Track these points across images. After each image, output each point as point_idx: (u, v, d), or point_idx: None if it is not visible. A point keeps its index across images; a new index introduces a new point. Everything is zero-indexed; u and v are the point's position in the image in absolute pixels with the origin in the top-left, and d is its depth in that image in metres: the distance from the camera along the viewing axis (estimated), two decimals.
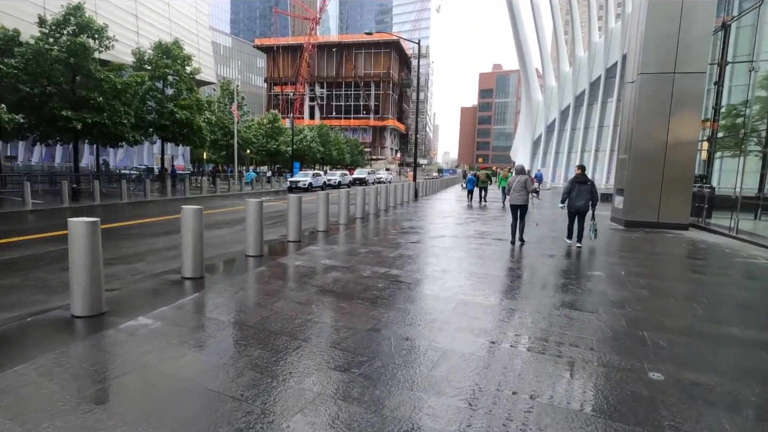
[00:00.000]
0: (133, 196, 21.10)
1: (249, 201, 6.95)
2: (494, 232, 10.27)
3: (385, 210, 14.97)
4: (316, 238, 8.86)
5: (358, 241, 8.52)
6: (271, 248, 7.61)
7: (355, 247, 7.77)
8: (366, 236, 9.26)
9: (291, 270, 6.04)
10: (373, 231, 10.12)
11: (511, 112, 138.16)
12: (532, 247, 8.27)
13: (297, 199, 8.45)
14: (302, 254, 7.09)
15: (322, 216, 9.52)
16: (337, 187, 36.26)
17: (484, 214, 14.61)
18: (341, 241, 8.54)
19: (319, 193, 9.60)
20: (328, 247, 7.79)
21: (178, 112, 24.58)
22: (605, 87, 50.96)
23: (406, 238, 8.96)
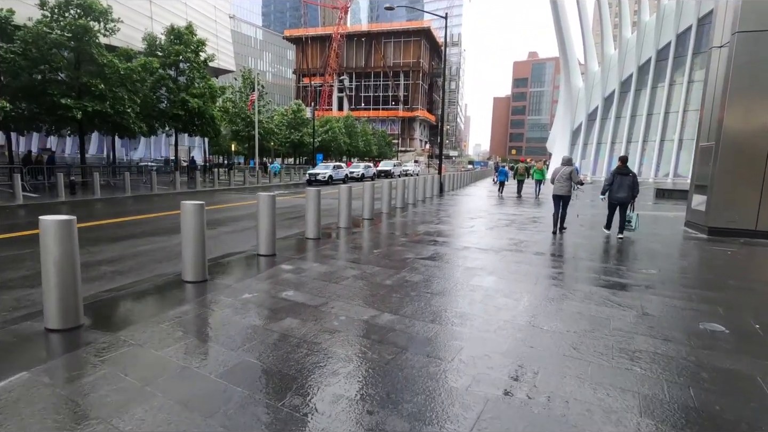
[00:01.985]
0: (140, 190, 19.90)
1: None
2: (534, 241, 7.92)
3: (402, 208, 12.82)
4: (302, 247, 6.85)
5: (351, 256, 6.43)
6: (224, 267, 5.65)
7: (341, 267, 5.69)
8: (364, 248, 7.15)
9: (221, 317, 4.04)
10: (377, 239, 8.00)
11: (547, 102, 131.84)
12: (592, 282, 5.93)
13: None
14: (259, 279, 5.07)
15: (312, 220, 7.49)
16: (360, 180, 34.33)
17: (518, 211, 12.21)
18: (329, 254, 6.48)
19: (309, 190, 7.56)
20: (305, 266, 5.74)
21: (191, 101, 23.22)
22: (656, 70, 46.30)
23: (417, 251, 6.79)
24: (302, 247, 6.87)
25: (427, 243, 7.47)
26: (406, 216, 11.31)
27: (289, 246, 6.96)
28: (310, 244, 7.13)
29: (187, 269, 4.74)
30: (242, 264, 5.74)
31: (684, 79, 43.98)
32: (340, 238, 7.76)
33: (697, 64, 43.51)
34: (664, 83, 45.58)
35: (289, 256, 6.22)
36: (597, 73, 52.36)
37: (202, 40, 25.13)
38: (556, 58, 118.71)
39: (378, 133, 75.30)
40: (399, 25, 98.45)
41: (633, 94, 48.19)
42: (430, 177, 17.52)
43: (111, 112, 18.58)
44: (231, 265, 5.64)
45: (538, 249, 7.17)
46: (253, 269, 5.46)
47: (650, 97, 46.84)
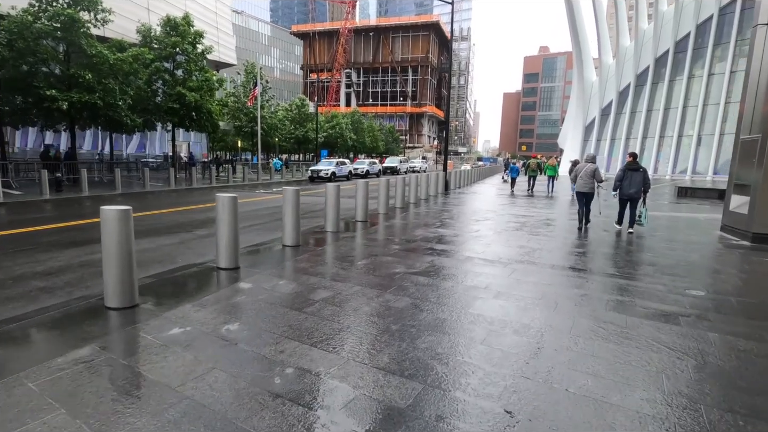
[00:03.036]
0: (132, 187, 19.07)
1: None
2: (549, 250, 6.80)
3: (402, 208, 11.73)
4: (274, 257, 5.82)
5: (329, 270, 5.40)
6: (167, 286, 4.64)
7: (312, 287, 4.65)
8: (348, 258, 6.10)
9: (117, 372, 3.01)
10: (366, 247, 6.94)
11: (558, 98, 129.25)
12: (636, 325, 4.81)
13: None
14: (202, 305, 4.05)
15: (289, 224, 6.46)
16: (365, 177, 33.28)
17: (529, 212, 11.06)
18: (303, 268, 5.45)
19: (286, 189, 6.52)
20: (268, 285, 4.71)
21: (187, 95, 22.29)
22: (674, 63, 44.40)
23: (409, 263, 5.72)
24: (274, 258, 5.84)
25: (424, 252, 6.39)
26: (406, 217, 10.23)
27: (259, 256, 5.93)
28: (285, 254, 6.10)
29: (109, 293, 3.73)
30: (193, 281, 4.72)
31: (704, 71, 42.06)
32: (322, 246, 6.71)
33: (717, 56, 41.58)
34: (683, 76, 43.68)
35: (255, 269, 5.19)
36: (611, 66, 50.52)
37: (200, 31, 24.16)
38: (568, 53, 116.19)
39: (385, 129, 74.11)
40: (407, 19, 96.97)
41: (649, 88, 46.32)
42: (434, 174, 16.38)
43: (100, 104, 17.72)
44: (177, 283, 4.63)
45: (554, 260, 6.05)
46: (203, 289, 4.43)
47: (667, 90, 44.97)
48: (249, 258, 5.78)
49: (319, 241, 7.11)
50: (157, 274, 4.91)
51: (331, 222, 7.81)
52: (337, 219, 7.87)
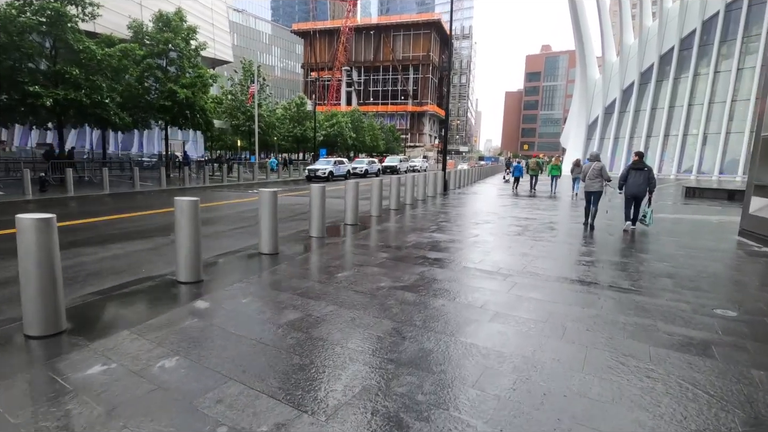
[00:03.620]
0: (121, 187, 18.46)
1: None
2: (554, 258, 6.15)
3: (396, 210, 11.10)
4: (245, 268, 5.19)
5: (303, 285, 4.77)
6: (112, 306, 4.02)
7: (279, 306, 4.02)
8: (328, 269, 5.48)
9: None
10: (351, 255, 6.32)
11: (560, 97, 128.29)
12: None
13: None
14: (143, 331, 3.43)
15: (266, 229, 5.83)
16: (364, 176, 32.65)
17: (532, 214, 10.39)
18: (274, 282, 4.83)
19: (262, 191, 5.89)
20: (228, 305, 4.09)
21: (179, 92, 21.68)
22: (679, 60, 43.60)
23: (397, 274, 5.09)
24: (245, 268, 5.21)
25: (415, 261, 5.75)
26: (400, 220, 9.59)
27: (229, 266, 5.30)
28: (260, 263, 5.47)
29: (29, 318, 3.11)
30: (142, 299, 4.09)
31: (710, 69, 41.27)
32: (302, 254, 6.08)
33: (724, 53, 40.79)
34: (688, 74, 42.90)
35: (219, 284, 4.56)
36: (615, 63, 49.74)
37: (193, 27, 23.55)
38: (570, 52, 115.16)
39: (386, 128, 73.44)
40: (408, 17, 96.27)
41: (653, 86, 45.54)
42: (432, 174, 15.73)
43: (87, 101, 17.12)
44: (123, 302, 4.00)
45: (559, 270, 5.41)
46: (151, 309, 3.80)
47: (672, 88, 44.19)
48: (217, 269, 5.15)
49: (301, 248, 6.48)
50: (104, 290, 4.28)
51: (316, 226, 7.18)
52: (323, 223, 7.24)
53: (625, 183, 8.54)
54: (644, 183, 8.30)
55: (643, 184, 8.31)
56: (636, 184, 8.35)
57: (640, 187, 8.34)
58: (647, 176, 8.31)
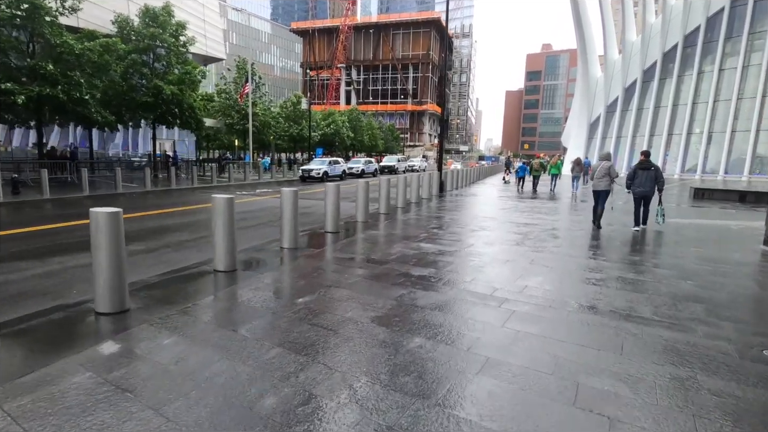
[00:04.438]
0: (102, 188, 17.60)
1: None
2: (560, 274, 5.29)
3: (386, 214, 10.23)
4: (191, 291, 4.34)
5: (252, 315, 3.92)
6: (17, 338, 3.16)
7: (213, 346, 3.17)
8: (290, 291, 4.63)
9: None
10: (322, 272, 5.46)
11: (561, 96, 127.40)
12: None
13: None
14: (15, 390, 2.55)
15: (221, 242, 4.97)
16: (360, 176, 31.82)
17: (532, 219, 9.51)
18: (222, 309, 3.99)
19: (216, 198, 5.02)
20: (147, 345, 3.22)
21: (165, 88, 20.82)
22: (683, 58, 42.66)
23: (371, 299, 4.23)
24: (186, 293, 4.34)
25: (395, 280, 4.89)
26: (387, 226, 8.73)
27: (171, 289, 4.44)
28: (211, 284, 4.61)
29: None
30: (35, 340, 3.22)
31: (714, 67, 40.34)
32: (265, 271, 5.21)
33: (729, 51, 39.86)
34: (692, 72, 41.95)
35: (147, 314, 3.70)
36: (617, 61, 48.80)
37: (182, 22, 22.68)
38: (571, 50, 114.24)
39: (384, 127, 72.52)
40: (408, 15, 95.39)
41: (657, 84, 44.60)
42: (427, 174, 14.85)
43: (63, 98, 16.26)
44: (11, 344, 3.13)
45: (565, 292, 4.54)
46: (38, 356, 2.94)
47: (676, 86, 43.26)
48: (154, 293, 4.29)
49: (266, 262, 5.62)
50: (7, 322, 3.42)
51: (288, 236, 6.32)
52: (295, 232, 6.38)
53: (632, 183, 8.48)
54: (652, 182, 8.25)
55: (651, 183, 8.25)
56: (644, 184, 8.31)
57: (648, 187, 8.29)
58: (654, 175, 8.25)
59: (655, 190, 8.33)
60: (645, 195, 8.38)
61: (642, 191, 8.37)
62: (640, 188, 8.37)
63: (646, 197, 8.41)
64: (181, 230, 8.75)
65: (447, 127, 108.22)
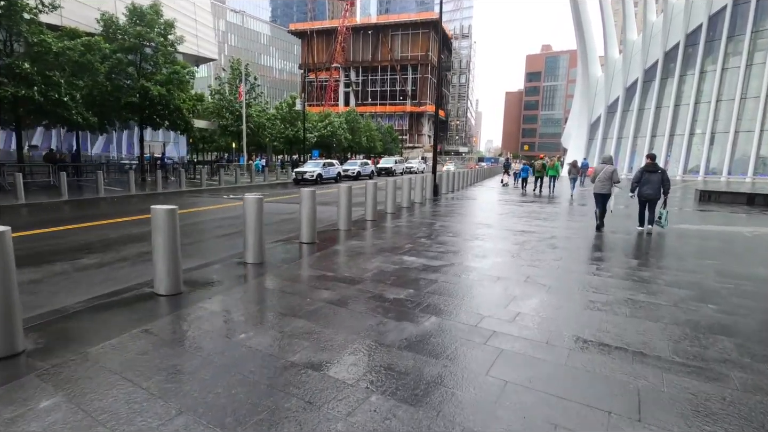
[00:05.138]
0: (84, 193, 16.89)
1: None
2: (560, 293, 4.55)
3: (373, 221, 9.50)
4: (97, 331, 3.61)
5: (157, 366, 3.17)
6: None
7: (110, 411, 2.41)
8: (220, 330, 3.90)
9: None
10: (281, 296, 4.72)
11: (561, 97, 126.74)
12: None
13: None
14: None
15: (162, 261, 4.23)
16: (356, 179, 31.12)
17: (531, 226, 8.77)
18: (134, 352, 3.25)
19: (155, 209, 4.30)
20: (21, 412, 2.46)
21: (152, 88, 20.13)
22: (684, 57, 41.96)
23: (326, 338, 3.49)
24: (110, 325, 3.61)
25: (365, 305, 4.15)
26: (371, 235, 7.99)
27: (92, 319, 3.70)
28: (138, 314, 3.87)
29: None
30: None
31: (717, 66, 39.62)
32: (213, 294, 4.47)
33: (731, 50, 39.15)
34: (694, 71, 41.24)
35: (48, 358, 2.96)
36: (618, 61, 48.11)
37: (170, 21, 22.02)
38: (571, 51, 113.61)
39: (383, 128, 71.79)
40: (407, 16, 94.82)
41: (658, 84, 43.89)
42: (420, 177, 14.10)
43: (40, 99, 15.56)
44: None
45: (565, 322, 3.80)
46: None
47: (678, 86, 42.54)
48: (68, 325, 3.55)
49: (221, 282, 4.88)
50: None
51: (252, 249, 5.59)
52: (260, 245, 5.64)
53: (638, 185, 8.42)
54: (658, 185, 8.19)
55: (657, 186, 8.19)
56: (650, 187, 8.26)
57: (654, 190, 8.24)
58: (661, 178, 8.20)
59: (660, 193, 8.25)
60: (651, 198, 8.33)
61: (648, 194, 8.30)
62: (647, 191, 8.30)
63: (652, 200, 8.36)
64: (148, 240, 8.02)
65: (447, 128, 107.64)
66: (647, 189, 8.30)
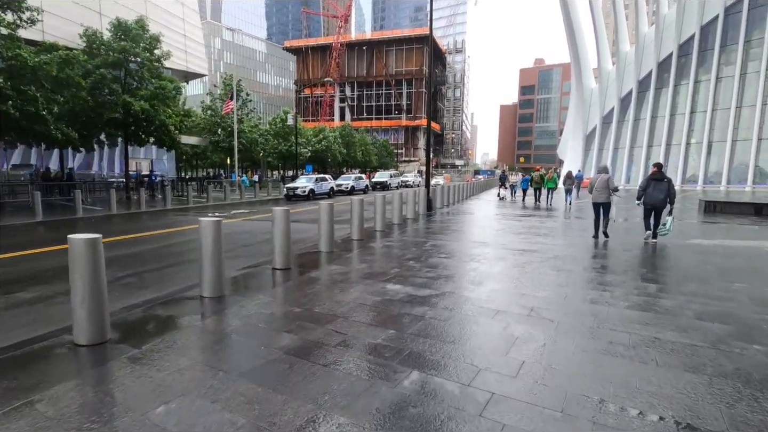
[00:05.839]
0: (57, 213, 15.99)
1: None
2: (567, 336, 3.76)
3: (359, 240, 8.71)
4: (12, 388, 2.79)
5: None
6: None
7: None
8: (123, 405, 3.04)
9: None
10: (217, 351, 3.90)
11: (555, 109, 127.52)
12: None
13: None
14: None
15: (79, 303, 3.42)
16: (350, 193, 30.40)
17: (531, 242, 7.99)
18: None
19: (72, 239, 3.51)
20: None
21: (134, 104, 19.47)
22: (678, 67, 41.93)
23: (270, 413, 2.66)
24: (16, 385, 2.78)
25: (334, 355, 3.33)
26: (354, 258, 7.19)
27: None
28: (58, 367, 3.04)
29: None
30: None
31: (711, 75, 39.52)
32: (149, 340, 3.65)
33: (725, 59, 39.12)
34: (688, 81, 41.16)
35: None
36: (612, 72, 48.14)
37: (156, 36, 21.48)
38: (564, 65, 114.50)
39: (378, 143, 71.46)
40: (400, 32, 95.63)
41: (653, 94, 43.79)
42: (412, 191, 13.37)
43: (16, 114, 14.86)
44: None
45: (582, 377, 3.00)
46: None
47: (672, 96, 42.42)
48: None
49: (161, 323, 4.06)
50: None
51: (209, 282, 4.77)
52: (218, 275, 4.83)
53: (644, 193, 8.54)
54: (664, 194, 8.31)
55: (663, 195, 8.31)
56: (656, 195, 8.37)
57: (660, 198, 8.36)
58: (667, 187, 8.32)
59: (666, 202, 8.37)
60: (656, 206, 8.47)
61: (654, 202, 8.43)
62: (653, 199, 8.42)
63: (657, 209, 8.50)
64: (112, 265, 7.18)
65: (443, 142, 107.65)
66: (653, 197, 8.40)
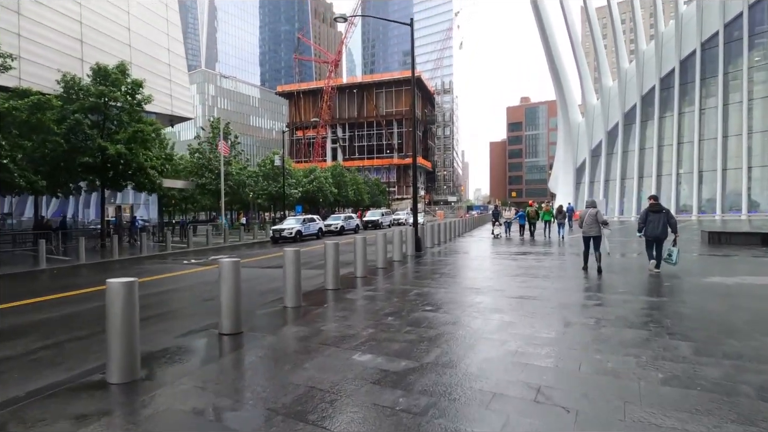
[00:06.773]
0: (26, 262, 14.72)
1: None
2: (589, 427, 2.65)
3: (335, 290, 7.62)
4: None
5: None
6: None
7: None
8: None
9: None
10: None
11: (543, 144, 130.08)
12: None
13: None
14: None
15: None
16: (340, 234, 29.41)
17: (532, 284, 6.96)
18: None
19: None
20: None
21: (110, 147, 18.76)
22: (661, 100, 42.61)
23: None
24: None
25: None
26: (325, 314, 6.09)
27: None
28: None
29: None
30: None
31: (695, 107, 40.10)
32: None
33: (705, 91, 39.86)
34: (673, 113, 41.72)
35: None
36: (597, 106, 48.92)
37: (138, 81, 21.19)
38: (549, 102, 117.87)
39: (370, 181, 71.42)
40: (390, 75, 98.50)
41: (639, 126, 44.25)
42: (399, 231, 12.40)
43: None
44: None
45: None
46: None
47: (659, 128, 42.84)
48: None
49: (50, 421, 2.93)
50: None
51: (117, 361, 3.66)
52: (130, 353, 3.73)
53: (645, 226, 8.76)
54: (663, 225, 8.56)
55: (663, 226, 8.55)
56: (656, 227, 8.60)
57: (659, 230, 8.58)
58: (665, 218, 8.59)
59: (667, 233, 8.58)
60: (657, 238, 8.66)
61: (654, 234, 8.64)
62: (653, 231, 8.64)
63: (659, 240, 8.68)
64: (29, 334, 6.01)
65: (434, 179, 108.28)
66: (654, 230, 8.61)
